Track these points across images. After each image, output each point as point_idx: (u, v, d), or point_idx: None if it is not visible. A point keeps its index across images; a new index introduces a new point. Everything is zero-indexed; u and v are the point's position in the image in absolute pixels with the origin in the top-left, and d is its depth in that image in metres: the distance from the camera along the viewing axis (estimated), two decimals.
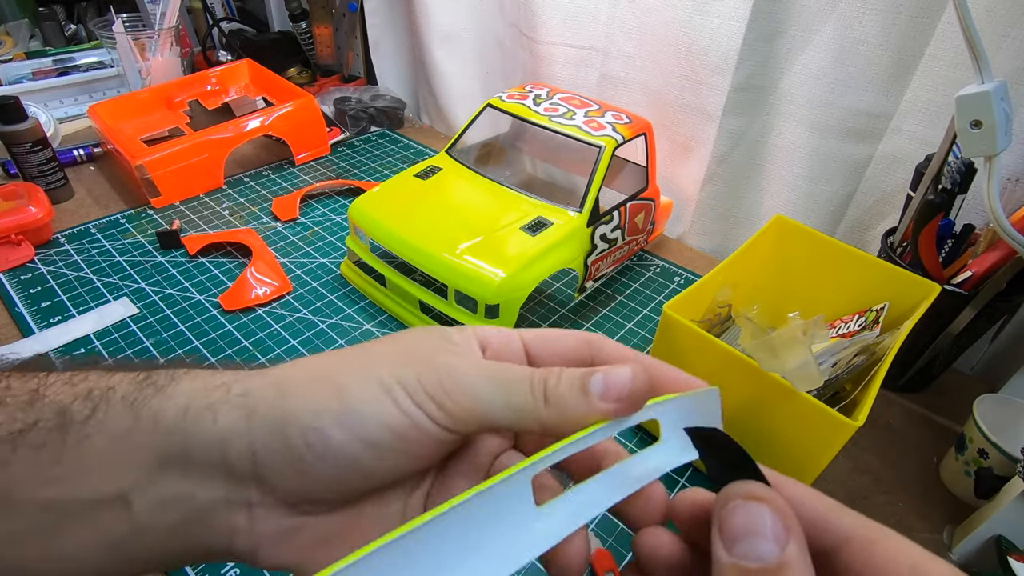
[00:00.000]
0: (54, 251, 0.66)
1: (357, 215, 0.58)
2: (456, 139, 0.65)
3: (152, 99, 0.86)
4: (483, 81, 0.94)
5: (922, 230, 0.48)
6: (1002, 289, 0.47)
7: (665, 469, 0.20)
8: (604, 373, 0.19)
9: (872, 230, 0.63)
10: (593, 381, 0.19)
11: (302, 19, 1.03)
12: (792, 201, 0.66)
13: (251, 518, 0.19)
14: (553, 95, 0.64)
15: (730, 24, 0.60)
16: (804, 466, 0.39)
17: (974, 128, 0.40)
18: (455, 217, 0.57)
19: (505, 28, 0.85)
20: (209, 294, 0.61)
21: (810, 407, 0.36)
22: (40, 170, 0.71)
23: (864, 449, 0.50)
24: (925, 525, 0.45)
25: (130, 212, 0.73)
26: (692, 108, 0.68)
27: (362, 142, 0.93)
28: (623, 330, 0.61)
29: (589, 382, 0.19)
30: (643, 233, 0.67)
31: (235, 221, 0.73)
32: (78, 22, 1.17)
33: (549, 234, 0.54)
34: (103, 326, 0.56)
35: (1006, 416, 0.46)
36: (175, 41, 0.91)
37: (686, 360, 0.42)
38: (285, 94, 0.86)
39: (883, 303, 0.47)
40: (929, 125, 0.55)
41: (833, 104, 0.59)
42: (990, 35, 0.48)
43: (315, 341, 0.56)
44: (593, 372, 0.19)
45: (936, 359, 0.53)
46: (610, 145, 0.57)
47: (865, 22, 0.54)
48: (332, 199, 0.79)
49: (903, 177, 0.58)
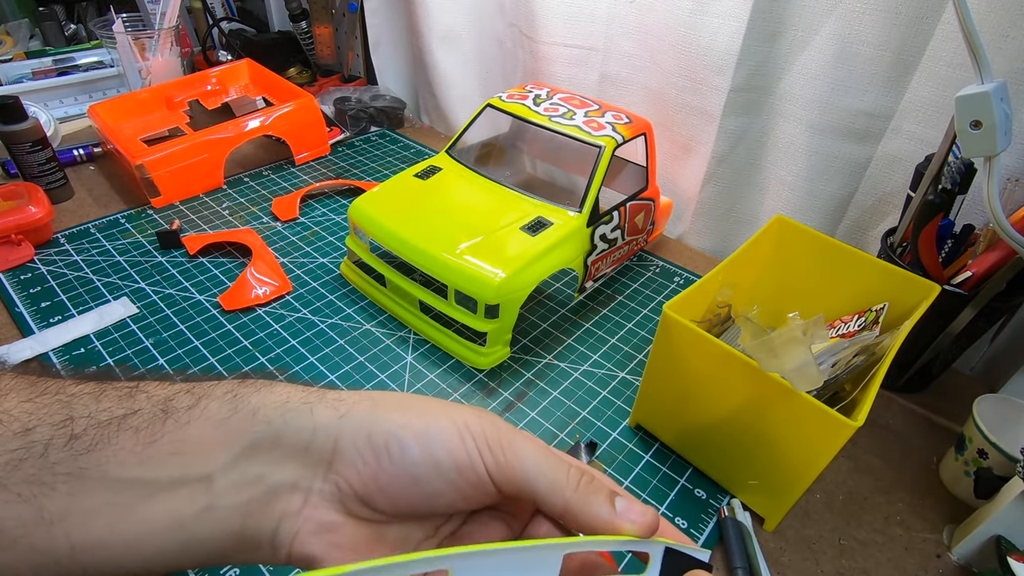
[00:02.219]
0: (54, 251, 0.66)
1: (357, 215, 0.58)
2: (456, 139, 0.65)
3: (152, 99, 0.86)
4: (483, 81, 0.94)
5: (922, 230, 0.48)
6: (1002, 289, 0.47)
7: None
8: (628, 500, 0.22)
9: (872, 230, 0.63)
10: (618, 500, 0.22)
11: (302, 19, 1.03)
12: (792, 201, 0.66)
13: (305, 503, 0.22)
14: (553, 95, 0.64)
15: (730, 24, 0.60)
16: (804, 466, 0.39)
17: (974, 128, 0.40)
18: (455, 217, 0.57)
19: (505, 28, 0.85)
20: (209, 294, 0.61)
21: (810, 407, 0.36)
22: (40, 170, 0.71)
23: (864, 449, 0.50)
24: (925, 525, 0.45)
25: (130, 212, 0.73)
26: (692, 108, 0.68)
27: (362, 142, 0.93)
28: (623, 330, 0.61)
29: (615, 499, 0.22)
30: (643, 233, 0.67)
31: (235, 221, 0.73)
32: (78, 22, 1.17)
33: (549, 234, 0.54)
34: (103, 326, 0.56)
35: (1006, 416, 0.46)
36: (175, 41, 0.91)
37: (686, 360, 0.42)
38: (285, 94, 0.86)
39: (883, 303, 0.47)
40: (929, 125, 0.55)
41: (833, 104, 0.59)
42: (990, 35, 0.48)
43: (315, 341, 0.56)
44: (618, 493, 0.23)
45: (936, 359, 0.53)
46: (610, 145, 0.57)
47: (865, 22, 0.54)
48: (332, 199, 0.79)
49: (903, 177, 0.58)
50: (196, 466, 0.20)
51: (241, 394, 0.22)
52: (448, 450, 0.22)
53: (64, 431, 0.19)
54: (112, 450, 0.19)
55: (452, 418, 0.22)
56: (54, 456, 0.19)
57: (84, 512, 0.19)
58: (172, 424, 0.20)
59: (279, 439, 0.21)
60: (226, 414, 0.21)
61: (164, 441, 0.20)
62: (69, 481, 0.19)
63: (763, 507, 0.44)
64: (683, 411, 0.46)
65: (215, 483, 0.21)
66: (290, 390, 0.23)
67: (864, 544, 0.43)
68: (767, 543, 0.43)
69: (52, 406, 0.20)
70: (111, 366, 0.52)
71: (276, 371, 0.53)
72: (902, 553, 0.43)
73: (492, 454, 0.22)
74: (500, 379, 0.54)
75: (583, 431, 0.50)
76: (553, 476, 0.22)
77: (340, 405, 0.22)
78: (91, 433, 0.19)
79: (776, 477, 0.41)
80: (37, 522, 0.18)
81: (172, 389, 0.21)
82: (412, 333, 0.58)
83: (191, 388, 0.22)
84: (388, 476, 0.22)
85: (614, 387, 0.54)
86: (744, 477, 0.44)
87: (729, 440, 0.43)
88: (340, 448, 0.22)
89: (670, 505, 0.45)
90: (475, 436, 0.22)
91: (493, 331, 0.53)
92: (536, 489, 0.22)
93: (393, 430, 0.22)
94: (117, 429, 0.20)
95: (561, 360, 0.57)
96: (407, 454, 0.22)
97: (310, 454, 0.22)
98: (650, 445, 0.49)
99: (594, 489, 0.22)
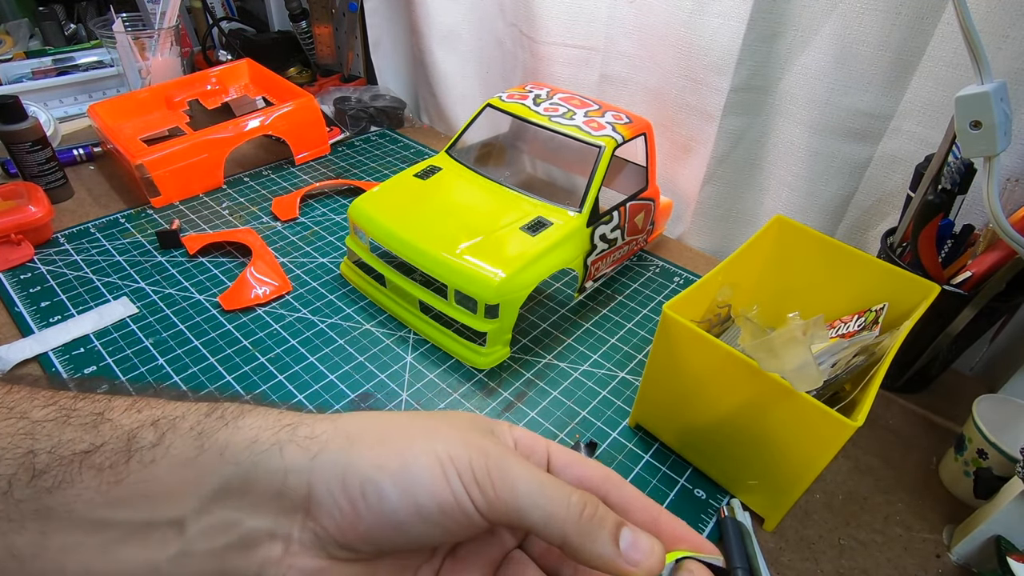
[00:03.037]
0: (54, 251, 0.66)
1: (357, 215, 0.58)
2: (456, 139, 0.65)
3: (152, 99, 0.86)
4: (483, 81, 0.94)
5: (922, 230, 0.48)
6: (1002, 289, 0.47)
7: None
8: (634, 534, 0.21)
9: (872, 230, 0.63)
10: (623, 534, 0.21)
11: (302, 19, 1.03)
12: (792, 201, 0.66)
13: (286, 552, 0.20)
14: (553, 95, 0.64)
15: (730, 24, 0.60)
16: (804, 466, 0.39)
17: (974, 128, 0.40)
18: (455, 217, 0.57)
19: (505, 28, 0.85)
20: (209, 294, 0.61)
21: (809, 407, 0.36)
22: (40, 169, 0.71)
23: (863, 449, 0.50)
24: (924, 525, 0.45)
25: (130, 212, 0.73)
26: (692, 108, 0.68)
27: (362, 142, 0.93)
28: (623, 330, 0.61)
29: (620, 533, 0.21)
30: (643, 233, 0.67)
31: (235, 221, 0.73)
32: (78, 21, 1.17)
33: (549, 234, 0.54)
34: (103, 326, 0.56)
35: (1005, 416, 0.46)
36: (175, 41, 0.91)
37: (686, 360, 0.42)
38: (285, 94, 0.86)
39: (883, 303, 0.47)
40: (929, 125, 0.55)
41: (833, 104, 0.59)
42: (990, 36, 0.48)
43: (315, 341, 0.56)
44: (625, 524, 0.21)
45: (935, 359, 0.53)
46: (610, 145, 0.57)
47: (865, 22, 0.54)
48: (332, 199, 0.79)
49: (903, 177, 0.58)
50: (165, 509, 0.19)
51: (207, 430, 0.20)
52: (431, 493, 0.20)
53: (26, 466, 0.18)
54: (77, 490, 0.19)
55: (435, 451, 0.21)
56: (18, 493, 0.18)
57: (57, 549, 0.18)
58: (136, 464, 0.19)
59: (249, 483, 0.20)
60: (192, 453, 0.20)
61: (130, 482, 0.19)
62: (37, 519, 0.18)
63: (763, 507, 0.44)
64: (683, 411, 0.46)
65: (187, 528, 0.20)
66: (259, 424, 0.21)
67: (864, 544, 0.43)
68: (767, 543, 0.43)
69: (15, 436, 0.19)
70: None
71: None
72: (902, 553, 0.43)
73: (481, 490, 0.20)
74: (500, 379, 0.54)
75: (583, 431, 0.50)
76: (550, 509, 0.20)
77: (311, 444, 0.21)
78: (54, 470, 0.19)
79: (776, 477, 0.41)
80: (7, 559, 0.18)
81: (138, 419, 0.20)
82: (412, 333, 0.58)
83: (156, 420, 0.20)
84: (367, 524, 0.20)
85: (614, 387, 0.54)
86: (744, 477, 0.44)
87: (729, 440, 0.43)
88: (314, 494, 0.20)
89: (670, 505, 0.45)
90: (460, 472, 0.20)
91: (493, 331, 0.53)
92: (532, 523, 0.20)
93: (369, 474, 0.20)
94: (79, 468, 0.19)
95: (561, 360, 0.57)
96: (385, 502, 0.20)
97: (283, 499, 0.20)
98: (650, 445, 0.49)
99: (598, 523, 0.20)
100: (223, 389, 0.51)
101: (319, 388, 0.52)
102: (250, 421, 0.21)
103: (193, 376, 0.52)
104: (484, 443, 0.22)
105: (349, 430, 0.22)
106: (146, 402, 0.21)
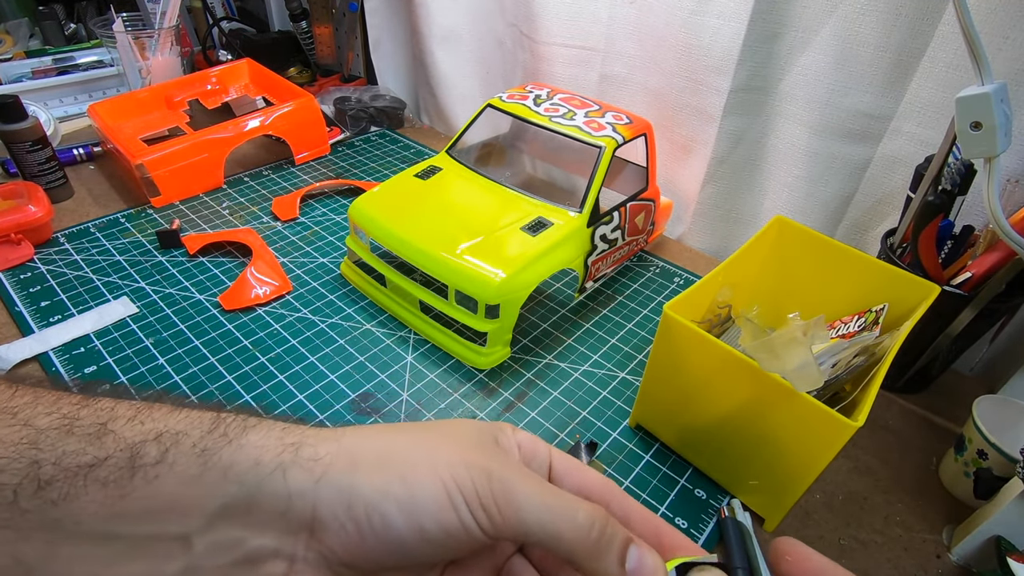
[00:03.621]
0: (54, 250, 0.66)
1: (357, 215, 0.58)
2: (456, 139, 0.65)
3: (152, 98, 0.86)
4: (483, 81, 0.94)
5: (922, 231, 0.48)
6: (1001, 290, 0.47)
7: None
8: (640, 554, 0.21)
9: (872, 231, 0.63)
10: (630, 554, 0.21)
11: (302, 19, 1.03)
12: (792, 202, 0.66)
13: (291, 570, 0.21)
14: (553, 95, 0.64)
15: (730, 25, 0.60)
16: (804, 466, 0.39)
17: (974, 129, 0.40)
18: (455, 217, 0.57)
19: (505, 28, 0.85)
20: (209, 294, 0.61)
21: (810, 407, 0.36)
22: (40, 169, 0.71)
23: (864, 450, 0.50)
24: (924, 525, 0.45)
25: (130, 211, 0.73)
26: (692, 108, 0.68)
27: (362, 142, 0.93)
28: (623, 330, 0.61)
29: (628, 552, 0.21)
30: (643, 233, 0.67)
31: (235, 221, 0.73)
32: (78, 21, 1.17)
33: (549, 234, 0.54)
34: (103, 325, 0.56)
35: (1005, 417, 0.46)
36: (175, 40, 0.91)
37: (686, 360, 0.42)
38: (285, 94, 0.86)
39: (883, 304, 0.47)
40: (929, 126, 0.55)
41: (833, 105, 0.59)
42: (990, 37, 0.48)
43: (315, 341, 0.56)
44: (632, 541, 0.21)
45: (935, 360, 0.53)
46: (610, 146, 0.57)
47: (865, 23, 0.54)
48: (332, 199, 0.79)
49: (903, 178, 0.58)
50: (170, 524, 0.20)
51: (210, 449, 0.21)
52: (436, 519, 0.21)
53: (31, 476, 0.19)
54: (82, 503, 0.19)
55: (439, 474, 0.21)
56: (24, 503, 0.18)
57: (65, 559, 0.19)
58: (140, 480, 0.20)
59: (254, 503, 0.20)
60: (196, 471, 0.20)
61: (135, 497, 0.19)
62: (43, 530, 0.18)
63: (763, 507, 0.44)
64: (683, 411, 0.46)
65: (194, 544, 0.20)
66: (263, 444, 0.21)
67: (864, 544, 0.43)
68: (767, 543, 0.43)
69: (19, 446, 0.19)
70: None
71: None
72: (902, 553, 0.43)
73: (487, 513, 0.21)
74: (500, 379, 0.54)
75: (583, 431, 0.50)
76: (556, 528, 0.21)
77: (315, 467, 0.21)
78: (59, 483, 0.19)
79: (776, 477, 0.41)
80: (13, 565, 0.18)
81: (141, 432, 0.20)
82: (412, 333, 0.58)
83: (159, 434, 0.20)
84: (372, 546, 0.21)
85: (614, 387, 0.54)
86: (744, 477, 0.44)
87: (729, 440, 0.43)
88: (319, 516, 0.21)
89: (670, 505, 0.45)
90: (466, 496, 0.21)
91: (493, 331, 0.53)
92: (538, 541, 0.21)
93: (374, 500, 0.21)
94: (84, 481, 0.19)
95: (561, 360, 0.57)
96: (391, 529, 0.21)
97: (288, 520, 0.21)
98: (650, 445, 0.49)
99: (606, 542, 0.21)
100: (223, 389, 0.51)
101: (319, 388, 0.52)
102: (253, 439, 0.21)
103: (193, 376, 0.52)
104: (487, 463, 0.22)
105: (353, 451, 0.22)
106: (148, 413, 0.21)
